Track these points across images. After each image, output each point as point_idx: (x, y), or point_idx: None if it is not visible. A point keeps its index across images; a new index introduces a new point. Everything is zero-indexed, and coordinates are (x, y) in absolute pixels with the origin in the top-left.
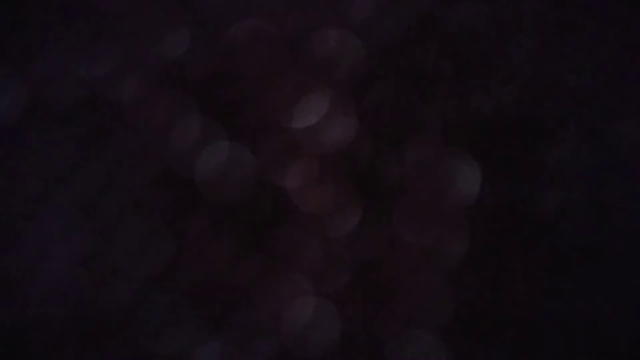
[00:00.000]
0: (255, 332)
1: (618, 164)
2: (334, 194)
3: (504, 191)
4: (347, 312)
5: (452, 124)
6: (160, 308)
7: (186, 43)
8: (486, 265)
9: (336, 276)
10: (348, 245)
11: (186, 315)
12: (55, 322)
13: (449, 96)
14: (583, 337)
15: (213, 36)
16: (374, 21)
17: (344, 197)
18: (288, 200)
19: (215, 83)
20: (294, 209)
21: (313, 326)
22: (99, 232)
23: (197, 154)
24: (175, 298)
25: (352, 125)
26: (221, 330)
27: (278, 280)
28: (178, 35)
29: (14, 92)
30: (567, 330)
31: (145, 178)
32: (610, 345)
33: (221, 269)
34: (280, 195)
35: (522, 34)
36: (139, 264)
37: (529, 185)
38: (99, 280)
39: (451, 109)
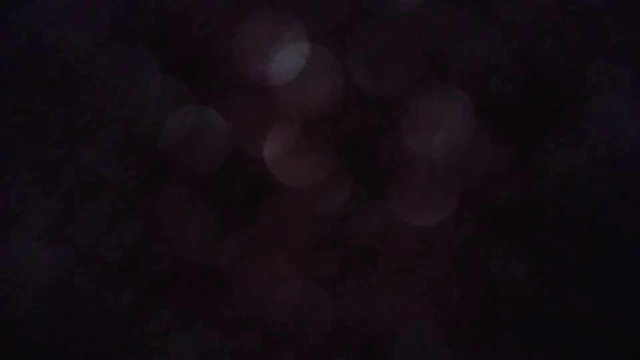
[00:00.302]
0: (236, 322)
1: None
2: (319, 165)
3: (517, 168)
4: (338, 300)
5: (462, 80)
6: (129, 296)
7: None
8: (492, 249)
9: (324, 260)
10: (336, 225)
11: (159, 304)
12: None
13: (458, 44)
14: (583, 337)
15: None
16: None
17: (331, 168)
18: (267, 173)
19: (179, 34)
20: (273, 182)
21: (301, 315)
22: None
23: (161, 120)
24: (146, 285)
25: (339, 81)
26: (198, 319)
27: (259, 264)
28: None
29: None
30: (566, 331)
31: (103, 149)
32: (611, 345)
33: (194, 251)
34: (257, 167)
35: None
36: (103, 247)
37: (545, 164)
38: (61, 266)
39: (461, 58)
